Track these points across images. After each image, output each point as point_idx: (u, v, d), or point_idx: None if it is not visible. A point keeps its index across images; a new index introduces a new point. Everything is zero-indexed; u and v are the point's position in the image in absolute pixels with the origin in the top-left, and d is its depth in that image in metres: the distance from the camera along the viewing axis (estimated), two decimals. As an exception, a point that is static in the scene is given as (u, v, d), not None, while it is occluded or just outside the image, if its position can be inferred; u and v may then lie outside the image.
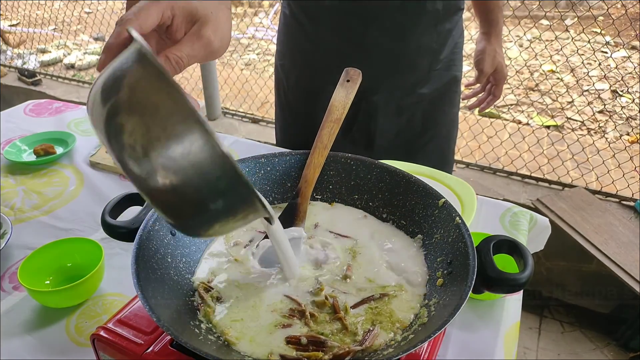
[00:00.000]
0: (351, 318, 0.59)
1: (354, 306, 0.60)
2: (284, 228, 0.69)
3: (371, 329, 0.57)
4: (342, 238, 0.71)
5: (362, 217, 0.76)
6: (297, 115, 1.21)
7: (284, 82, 1.18)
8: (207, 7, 0.54)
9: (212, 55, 0.55)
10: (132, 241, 0.60)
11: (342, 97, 0.75)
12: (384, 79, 1.06)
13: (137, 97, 0.41)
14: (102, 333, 0.58)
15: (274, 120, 1.38)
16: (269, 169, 0.77)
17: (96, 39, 4.29)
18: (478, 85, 1.22)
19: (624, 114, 3.02)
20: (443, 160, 1.21)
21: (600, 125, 2.91)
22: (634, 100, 3.18)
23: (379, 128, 1.13)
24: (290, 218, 0.72)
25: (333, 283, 0.64)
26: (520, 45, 3.56)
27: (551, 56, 3.34)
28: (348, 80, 0.76)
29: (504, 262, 0.68)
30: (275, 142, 1.30)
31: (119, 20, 0.50)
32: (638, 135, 2.69)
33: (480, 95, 1.24)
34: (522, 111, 2.99)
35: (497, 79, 1.18)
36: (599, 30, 3.67)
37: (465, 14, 1.17)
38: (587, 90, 3.21)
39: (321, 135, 0.75)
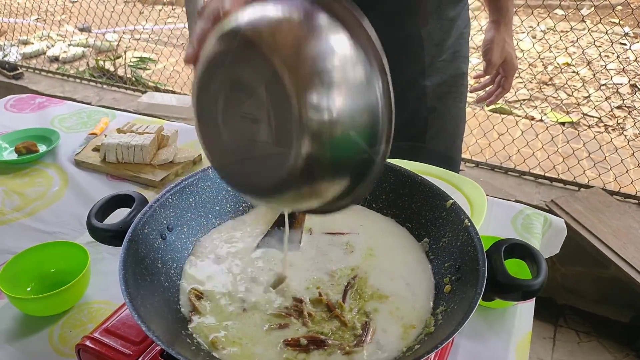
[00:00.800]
0: (348, 314, 0.60)
1: (343, 300, 0.62)
2: (282, 231, 0.70)
3: (367, 320, 0.59)
4: (339, 236, 0.72)
5: (363, 213, 0.76)
6: None
7: None
8: None
9: None
10: (120, 245, 0.60)
11: None
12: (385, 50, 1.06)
13: None
14: (87, 343, 0.58)
15: None
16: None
17: (82, 30, 4.28)
18: (487, 77, 1.22)
19: (644, 109, 3.02)
20: (449, 159, 1.21)
21: (619, 121, 2.91)
22: (654, 95, 3.18)
23: None
24: (289, 220, 0.72)
25: (321, 282, 0.65)
26: (534, 37, 3.56)
27: (566, 48, 3.34)
28: None
29: (516, 268, 0.68)
30: None
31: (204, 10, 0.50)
32: (659, 133, 2.69)
33: (489, 87, 1.24)
34: (536, 107, 2.99)
35: (506, 71, 1.18)
36: (617, 21, 3.67)
37: (475, 4, 1.17)
38: (604, 85, 3.21)
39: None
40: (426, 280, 0.66)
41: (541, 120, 2.80)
